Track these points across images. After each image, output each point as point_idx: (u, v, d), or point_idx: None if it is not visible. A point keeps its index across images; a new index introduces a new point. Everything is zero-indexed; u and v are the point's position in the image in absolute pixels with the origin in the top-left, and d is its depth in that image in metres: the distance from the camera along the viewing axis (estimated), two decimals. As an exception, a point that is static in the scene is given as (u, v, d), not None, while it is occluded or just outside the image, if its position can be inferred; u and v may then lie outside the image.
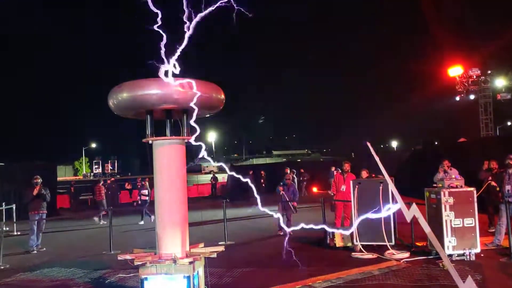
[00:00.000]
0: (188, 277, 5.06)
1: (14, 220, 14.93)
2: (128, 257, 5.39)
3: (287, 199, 11.64)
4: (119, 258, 5.52)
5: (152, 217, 14.50)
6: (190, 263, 5.14)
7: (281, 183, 11.93)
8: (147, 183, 16.26)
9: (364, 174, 10.06)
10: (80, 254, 10.26)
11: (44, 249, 10.96)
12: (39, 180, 11.02)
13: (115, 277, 7.75)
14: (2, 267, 9.03)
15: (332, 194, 11.10)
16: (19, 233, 14.07)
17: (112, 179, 23.79)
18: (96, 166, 72.49)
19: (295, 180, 17.16)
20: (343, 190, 10.61)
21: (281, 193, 11.74)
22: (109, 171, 69.11)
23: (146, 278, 5.14)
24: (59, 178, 32.02)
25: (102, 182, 17.82)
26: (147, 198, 15.97)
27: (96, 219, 16.64)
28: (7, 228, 12.69)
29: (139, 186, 16.67)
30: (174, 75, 5.12)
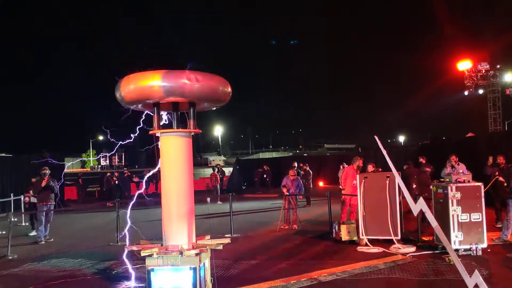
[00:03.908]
0: (195, 269, 5.08)
1: (22, 211, 15.06)
2: (135, 248, 5.42)
3: (291, 193, 11.67)
4: (126, 249, 5.55)
5: (34, 232, 11.88)
6: (197, 254, 5.16)
7: (284, 184, 11.92)
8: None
9: (370, 168, 10.04)
10: (87, 245, 10.35)
11: (52, 240, 11.06)
12: (47, 172, 11.10)
13: (122, 268, 7.81)
14: (10, 257, 9.13)
15: (342, 188, 11.09)
16: (27, 224, 14.21)
17: (126, 171, 24.03)
18: (104, 159, 72.76)
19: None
20: (354, 185, 10.60)
21: (285, 193, 11.80)
22: (116, 163, 69.36)
23: (152, 269, 5.16)
24: (66, 170, 32.20)
25: (216, 170, 20.77)
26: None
27: (219, 202, 18.87)
28: (15, 219, 12.80)
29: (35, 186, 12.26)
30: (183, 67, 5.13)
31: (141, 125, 5.66)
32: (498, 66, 34.30)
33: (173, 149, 5.47)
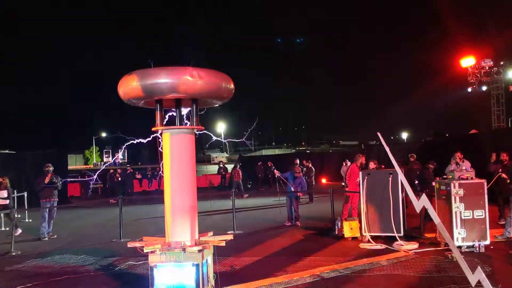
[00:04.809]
0: (197, 265, 5.09)
1: (26, 208, 15.12)
2: (137, 244, 5.43)
3: (292, 189, 11.71)
4: (129, 245, 5.56)
5: (19, 230, 11.48)
6: (199, 251, 5.17)
7: (288, 174, 12.07)
8: (7, 181, 11.86)
9: (372, 165, 10.03)
10: (90, 241, 10.38)
11: (55, 236, 11.10)
12: (51, 168, 11.14)
13: (125, 264, 7.84)
14: (13, 253, 9.17)
15: (346, 185, 11.13)
16: (30, 220, 14.27)
17: (129, 168, 24.09)
18: (106, 155, 72.94)
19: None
20: (357, 182, 10.62)
21: (276, 176, 12.06)
22: (119, 160, 69.48)
23: (155, 266, 5.18)
24: (69, 167, 32.31)
25: (238, 166, 21.04)
26: (7, 202, 11.69)
27: (246, 195, 20.17)
28: (19, 215, 12.85)
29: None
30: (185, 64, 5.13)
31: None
32: (502, 63, 34.16)
33: (176, 146, 5.47)
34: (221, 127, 79.21)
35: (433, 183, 8.90)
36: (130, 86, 5.19)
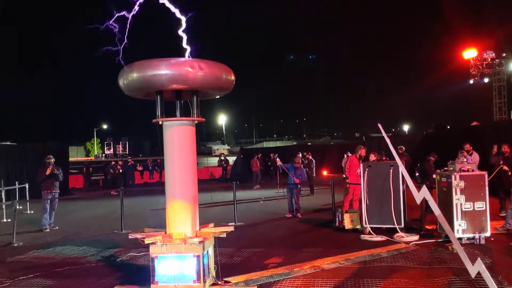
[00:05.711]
0: (198, 256, 5.11)
1: (27, 199, 15.16)
2: (139, 236, 5.45)
3: (293, 181, 11.71)
4: (130, 237, 5.58)
5: None
6: (200, 242, 5.19)
7: (288, 165, 12.09)
8: None
9: (372, 157, 10.02)
10: (92, 233, 10.41)
11: (57, 227, 11.14)
12: (52, 160, 11.15)
13: (126, 255, 7.87)
14: (15, 245, 9.21)
15: (347, 177, 11.14)
16: (32, 211, 14.31)
17: (130, 160, 24.14)
18: (108, 147, 72.98)
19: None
20: (358, 174, 10.61)
21: (278, 164, 12.10)
22: (120, 152, 69.52)
23: (156, 257, 5.20)
24: (70, 159, 32.33)
25: (256, 156, 21.85)
26: None
27: (257, 186, 20.07)
28: (20, 207, 12.89)
29: None
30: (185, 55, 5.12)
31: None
32: (504, 55, 34.02)
33: (177, 137, 5.47)
34: (222, 119, 79.24)
35: (434, 175, 8.89)
36: (130, 78, 5.18)
